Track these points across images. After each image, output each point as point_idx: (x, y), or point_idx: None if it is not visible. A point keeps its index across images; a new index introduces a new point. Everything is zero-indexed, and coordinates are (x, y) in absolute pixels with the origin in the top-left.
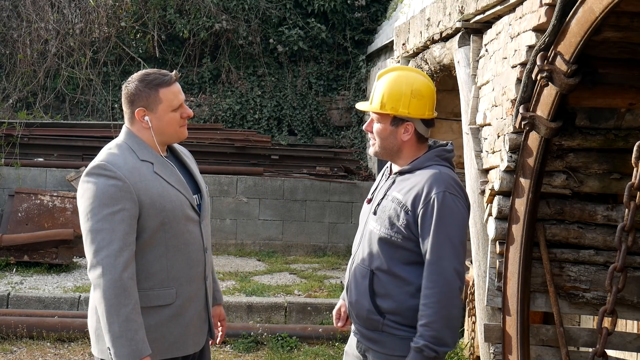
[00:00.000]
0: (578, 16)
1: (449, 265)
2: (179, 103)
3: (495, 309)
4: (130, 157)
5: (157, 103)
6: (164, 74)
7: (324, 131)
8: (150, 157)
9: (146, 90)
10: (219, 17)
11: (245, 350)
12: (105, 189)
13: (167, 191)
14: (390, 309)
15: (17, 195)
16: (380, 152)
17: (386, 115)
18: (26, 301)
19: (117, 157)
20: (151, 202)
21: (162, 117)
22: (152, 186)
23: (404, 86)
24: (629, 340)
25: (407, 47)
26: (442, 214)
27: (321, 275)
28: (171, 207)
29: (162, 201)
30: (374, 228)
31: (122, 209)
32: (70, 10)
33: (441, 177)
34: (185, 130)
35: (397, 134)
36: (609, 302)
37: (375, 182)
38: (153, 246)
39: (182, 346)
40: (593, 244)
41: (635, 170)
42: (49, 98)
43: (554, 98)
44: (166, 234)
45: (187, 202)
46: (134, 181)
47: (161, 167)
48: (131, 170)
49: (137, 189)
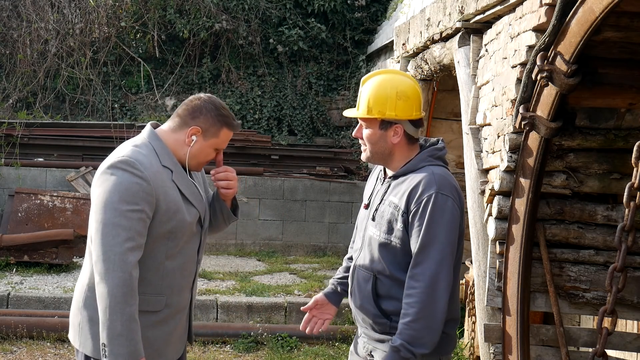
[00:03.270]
0: (578, 16)
1: (435, 266)
2: (222, 148)
3: (495, 309)
4: (154, 160)
5: (212, 135)
6: (235, 119)
7: (324, 131)
8: (171, 164)
9: (215, 119)
10: (219, 17)
11: (245, 350)
12: (129, 186)
13: (181, 201)
14: (396, 311)
15: (17, 195)
16: (373, 157)
17: (374, 119)
18: (26, 301)
19: (144, 157)
20: (166, 209)
21: (205, 148)
22: (170, 193)
23: (389, 89)
24: (629, 340)
25: (407, 47)
26: (432, 215)
27: (321, 275)
28: (182, 218)
29: (176, 210)
30: (374, 234)
31: (141, 210)
32: (70, 10)
33: (434, 178)
34: (202, 168)
35: (387, 137)
36: (609, 302)
37: (369, 186)
38: (154, 253)
39: (162, 353)
40: (593, 244)
41: (635, 170)
42: (49, 98)
43: (554, 98)
44: (169, 243)
45: (198, 215)
46: (157, 185)
47: (179, 176)
48: (155, 173)
49: (158, 194)
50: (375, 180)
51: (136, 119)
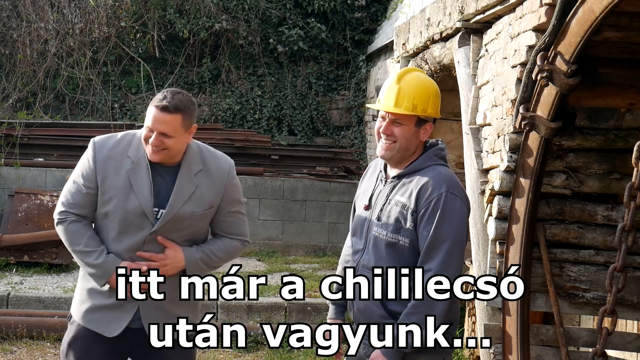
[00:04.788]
0: (578, 16)
1: (444, 264)
2: (154, 128)
3: (495, 309)
4: (122, 148)
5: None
6: (166, 101)
7: (324, 131)
8: (135, 156)
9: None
10: (219, 17)
11: (245, 350)
12: (81, 161)
13: (124, 190)
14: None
15: (17, 195)
16: (399, 155)
17: (412, 117)
18: (26, 301)
19: (113, 143)
20: (102, 192)
21: (144, 130)
22: (113, 180)
23: (430, 87)
24: (629, 340)
25: (407, 47)
26: (443, 214)
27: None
28: (120, 205)
29: (113, 196)
30: (379, 234)
31: (81, 183)
32: (70, 10)
33: (442, 177)
34: (153, 155)
35: (418, 135)
36: (609, 302)
37: (367, 187)
38: (101, 229)
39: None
40: (593, 244)
41: (635, 170)
42: (49, 98)
43: (554, 98)
44: (109, 224)
45: (141, 210)
46: (103, 168)
47: (137, 168)
48: (108, 158)
49: (100, 176)
50: (376, 181)
51: (136, 119)
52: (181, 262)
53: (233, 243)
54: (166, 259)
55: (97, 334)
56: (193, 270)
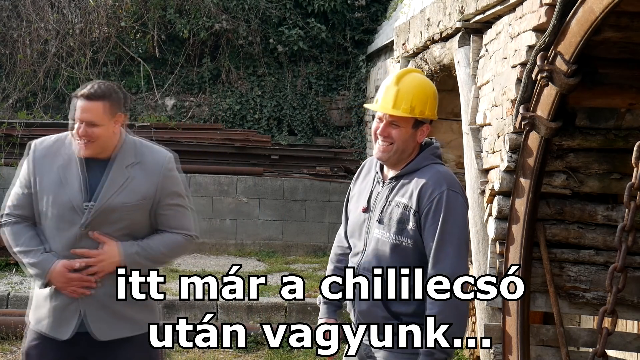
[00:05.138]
0: (578, 16)
1: (453, 263)
2: (78, 118)
3: (495, 309)
4: (56, 146)
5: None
6: (89, 89)
7: (324, 131)
8: (69, 153)
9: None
10: (219, 17)
11: (245, 350)
12: (22, 163)
13: (55, 188)
14: (409, 312)
15: None
16: (396, 157)
17: (409, 118)
18: (26, 301)
19: (53, 142)
20: (36, 192)
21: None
22: (48, 178)
23: (428, 89)
24: (629, 340)
25: (407, 47)
26: (446, 213)
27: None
28: (53, 203)
29: (45, 195)
30: (382, 236)
31: (19, 185)
32: (70, 10)
33: (441, 175)
34: (82, 150)
35: (415, 137)
36: (609, 302)
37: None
38: (42, 228)
39: (52, 325)
40: (593, 244)
41: (635, 170)
42: (49, 98)
43: (554, 98)
44: (45, 222)
45: (71, 204)
46: (38, 167)
47: (67, 164)
48: (45, 157)
49: (36, 175)
50: (372, 182)
51: (136, 119)
52: (117, 257)
53: (174, 237)
54: (101, 254)
55: (50, 339)
56: (132, 265)
